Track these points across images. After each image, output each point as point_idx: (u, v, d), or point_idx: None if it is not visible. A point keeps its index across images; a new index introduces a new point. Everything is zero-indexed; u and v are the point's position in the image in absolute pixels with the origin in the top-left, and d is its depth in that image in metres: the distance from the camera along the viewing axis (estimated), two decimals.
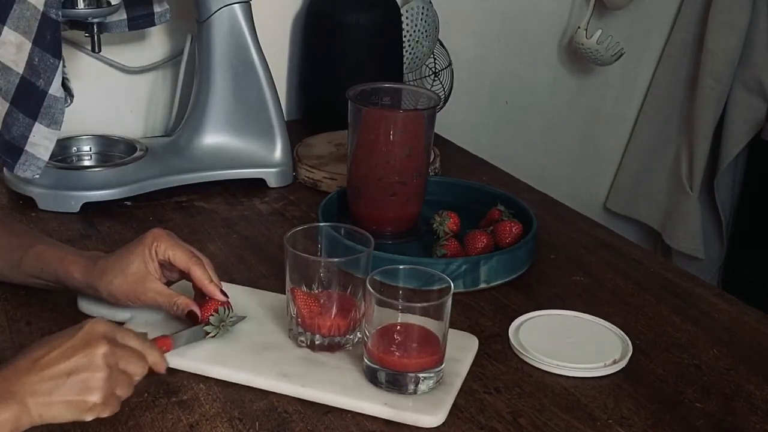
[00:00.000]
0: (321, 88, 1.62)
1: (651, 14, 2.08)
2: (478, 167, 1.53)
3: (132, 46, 1.51)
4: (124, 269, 0.94)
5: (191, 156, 1.37)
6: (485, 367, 0.95)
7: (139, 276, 0.94)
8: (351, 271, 0.93)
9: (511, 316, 1.04)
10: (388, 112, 1.19)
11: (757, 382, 0.95)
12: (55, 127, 1.20)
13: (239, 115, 1.38)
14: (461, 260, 1.09)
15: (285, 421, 0.85)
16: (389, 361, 0.86)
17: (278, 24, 1.65)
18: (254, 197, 1.35)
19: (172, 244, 0.94)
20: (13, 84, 1.17)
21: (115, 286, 0.94)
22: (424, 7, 1.68)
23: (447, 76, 1.78)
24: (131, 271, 0.93)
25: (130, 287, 0.94)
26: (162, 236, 0.95)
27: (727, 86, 2.02)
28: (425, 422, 0.84)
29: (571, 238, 1.27)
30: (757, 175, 2.17)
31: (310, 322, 0.92)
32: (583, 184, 2.17)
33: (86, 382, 0.75)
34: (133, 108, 1.56)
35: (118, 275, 0.94)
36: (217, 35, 1.35)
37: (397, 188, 1.18)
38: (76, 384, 0.75)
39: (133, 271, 0.93)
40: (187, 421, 0.84)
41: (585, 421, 0.87)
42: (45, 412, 0.74)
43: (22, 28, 1.15)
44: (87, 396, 0.75)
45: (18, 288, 1.05)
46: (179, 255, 0.94)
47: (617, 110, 2.15)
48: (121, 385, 0.78)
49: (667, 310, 1.08)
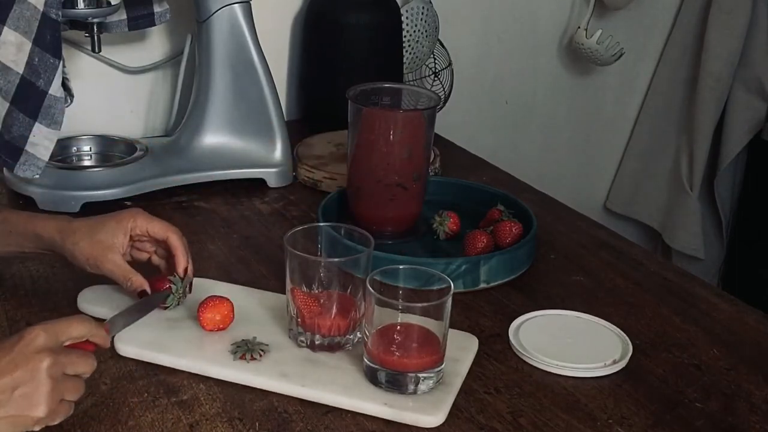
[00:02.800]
0: (321, 88, 1.62)
1: (651, 14, 2.08)
2: (478, 167, 1.53)
3: (132, 46, 1.51)
4: (93, 235, 0.96)
5: (191, 156, 1.37)
6: (485, 367, 0.95)
7: (105, 245, 0.96)
8: (351, 271, 0.93)
9: (511, 316, 1.04)
10: (388, 112, 1.19)
11: (757, 382, 0.95)
12: (55, 127, 1.20)
13: (239, 115, 1.38)
14: (461, 260, 1.09)
15: (285, 421, 0.85)
16: (389, 361, 0.86)
17: (278, 24, 1.65)
18: (254, 197, 1.35)
19: (149, 219, 0.98)
20: (13, 84, 1.17)
21: (79, 248, 0.96)
22: (424, 7, 1.67)
23: (447, 76, 1.78)
24: (98, 239, 0.96)
25: (92, 253, 0.96)
26: (139, 213, 0.99)
27: (727, 86, 2.02)
28: (425, 422, 0.84)
29: (571, 238, 1.27)
30: (757, 175, 2.17)
31: (310, 322, 0.92)
32: (583, 184, 2.17)
33: (31, 396, 0.73)
34: (133, 108, 1.56)
35: (85, 238, 0.96)
36: (217, 35, 1.35)
37: (397, 188, 1.18)
38: (21, 399, 0.73)
39: (101, 238, 0.96)
40: (187, 421, 0.84)
41: (585, 421, 0.87)
42: None
43: (22, 28, 1.15)
44: (31, 411, 0.73)
45: (18, 288, 1.05)
46: (157, 225, 0.98)
47: (617, 110, 2.15)
48: (69, 391, 0.76)
49: (667, 310, 1.08)
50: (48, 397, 0.73)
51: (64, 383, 0.75)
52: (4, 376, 0.72)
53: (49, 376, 0.74)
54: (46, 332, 0.75)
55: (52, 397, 0.74)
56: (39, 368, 0.73)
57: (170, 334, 0.94)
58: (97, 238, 0.96)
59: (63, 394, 0.75)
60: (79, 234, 0.97)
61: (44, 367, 0.73)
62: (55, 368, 0.74)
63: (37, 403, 0.73)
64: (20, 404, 0.73)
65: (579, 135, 2.12)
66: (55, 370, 0.74)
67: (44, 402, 0.73)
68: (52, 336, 0.76)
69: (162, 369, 0.91)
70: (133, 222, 0.97)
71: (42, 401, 0.73)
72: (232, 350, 0.92)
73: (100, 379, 0.89)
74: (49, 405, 0.74)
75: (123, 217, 0.98)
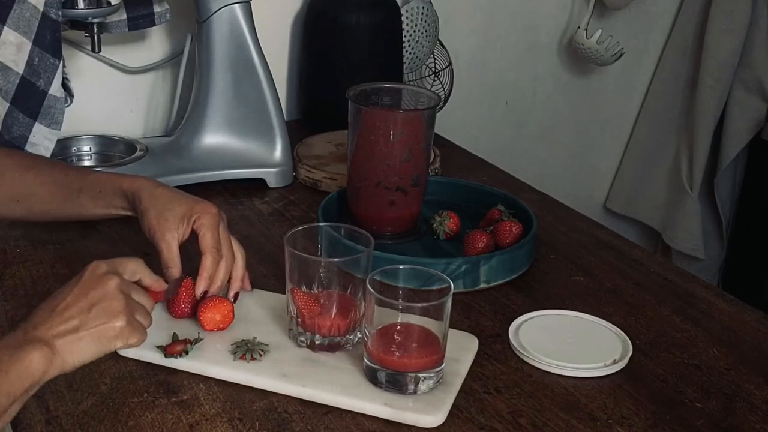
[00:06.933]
0: (321, 88, 1.62)
1: (651, 14, 2.08)
2: (478, 167, 1.53)
3: (132, 46, 1.51)
4: (163, 210, 0.98)
5: (191, 156, 1.37)
6: (485, 367, 0.95)
7: (167, 224, 0.97)
8: (351, 271, 0.93)
9: (511, 316, 1.04)
10: (388, 112, 1.19)
11: (757, 382, 0.95)
12: (55, 127, 1.20)
13: (239, 115, 1.38)
14: (461, 260, 1.09)
15: (285, 421, 0.85)
16: (389, 361, 0.86)
17: (278, 24, 1.65)
18: (254, 197, 1.35)
19: (211, 226, 0.97)
20: (13, 84, 1.17)
21: (147, 216, 0.98)
22: (424, 7, 1.68)
23: (447, 76, 1.78)
24: (165, 216, 0.98)
25: (155, 225, 0.97)
26: (210, 214, 0.98)
27: (727, 86, 2.02)
28: (425, 422, 0.84)
29: (571, 238, 1.27)
30: (757, 175, 2.17)
31: (310, 322, 0.92)
32: (583, 184, 2.17)
33: (108, 309, 0.79)
34: (133, 108, 1.56)
35: (156, 209, 0.98)
36: (217, 35, 1.35)
37: (397, 193, 1.18)
38: (100, 313, 0.78)
39: (167, 217, 0.98)
40: (187, 421, 0.84)
41: (585, 421, 0.87)
42: (74, 349, 0.77)
43: (22, 28, 1.15)
44: (112, 321, 0.79)
45: (18, 288, 1.05)
46: (207, 237, 0.97)
47: (617, 110, 2.15)
48: (140, 312, 0.82)
49: (667, 310, 1.08)
50: (124, 309, 0.80)
51: (134, 303, 0.82)
52: (79, 301, 0.79)
53: (120, 291, 0.80)
54: (106, 263, 0.83)
55: (128, 310, 0.80)
56: (110, 285, 0.80)
57: (170, 333, 0.94)
58: (165, 215, 0.98)
59: (135, 312, 0.81)
60: (155, 202, 0.99)
61: (114, 284, 0.81)
62: (123, 286, 0.81)
63: (116, 314, 0.79)
64: (100, 318, 0.78)
65: (579, 135, 2.12)
66: (123, 288, 0.81)
67: (121, 312, 0.79)
68: (111, 266, 0.83)
69: (162, 369, 0.91)
70: (199, 220, 0.97)
71: (119, 311, 0.79)
72: (232, 350, 0.92)
73: (100, 379, 0.89)
74: (126, 316, 0.80)
75: (197, 209, 0.98)
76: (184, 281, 0.96)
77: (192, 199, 1.00)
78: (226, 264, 0.97)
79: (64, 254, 1.14)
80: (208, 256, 0.96)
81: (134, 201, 1.01)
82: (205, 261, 0.96)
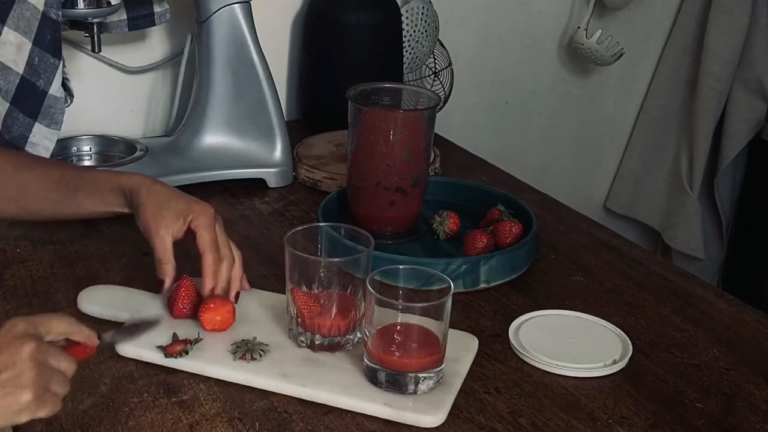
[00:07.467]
0: (321, 88, 1.62)
1: (651, 14, 2.08)
2: (478, 167, 1.53)
3: (132, 46, 1.51)
4: (160, 206, 0.98)
5: (191, 156, 1.37)
6: (485, 367, 0.95)
7: (163, 221, 0.97)
8: (351, 271, 0.93)
9: (511, 316, 1.04)
10: (388, 112, 1.19)
11: (757, 382, 0.95)
12: (55, 127, 1.20)
13: (239, 115, 1.38)
14: (461, 260, 1.09)
15: (285, 421, 0.85)
16: (389, 361, 0.86)
17: (278, 24, 1.65)
18: (254, 197, 1.35)
19: (208, 226, 0.97)
20: (13, 84, 1.17)
21: (143, 211, 0.98)
22: (424, 7, 1.68)
23: (447, 76, 1.78)
24: (161, 213, 0.97)
25: (150, 221, 0.97)
26: (207, 215, 0.98)
27: (727, 86, 2.02)
28: (425, 422, 0.84)
29: (571, 238, 1.27)
30: (757, 175, 2.17)
31: (310, 322, 0.92)
32: (583, 184, 2.17)
33: (15, 380, 0.71)
34: (133, 108, 1.56)
35: (152, 205, 0.98)
36: (217, 35, 1.35)
37: (397, 193, 1.18)
38: (5, 383, 0.70)
39: (163, 214, 0.97)
40: (187, 421, 0.84)
41: (585, 421, 0.87)
42: None
43: (22, 28, 1.15)
44: (18, 394, 0.71)
45: (18, 288, 1.05)
46: (205, 237, 0.96)
47: (617, 110, 2.15)
48: (56, 381, 0.74)
49: (667, 310, 1.08)
50: (33, 381, 0.71)
51: (49, 372, 0.73)
52: None
53: (32, 359, 0.72)
54: (25, 322, 0.74)
55: (37, 383, 0.72)
56: (21, 351, 0.71)
57: (170, 334, 0.94)
58: (162, 212, 0.97)
59: (48, 383, 0.73)
60: (153, 199, 0.98)
61: (26, 350, 0.72)
62: (38, 353, 0.72)
63: (23, 387, 0.71)
64: (5, 389, 0.70)
65: (579, 135, 2.12)
66: (38, 355, 0.72)
67: (30, 385, 0.71)
68: (31, 326, 0.74)
69: (162, 369, 0.91)
70: (196, 220, 0.97)
71: (27, 384, 0.71)
72: (232, 350, 0.92)
73: (100, 379, 0.89)
74: (34, 390, 0.71)
75: (193, 208, 0.98)
76: (183, 281, 0.96)
77: (190, 198, 1.00)
78: (227, 264, 0.97)
79: (64, 254, 1.14)
80: (209, 255, 0.96)
81: (132, 197, 1.00)
82: (206, 259, 0.96)
